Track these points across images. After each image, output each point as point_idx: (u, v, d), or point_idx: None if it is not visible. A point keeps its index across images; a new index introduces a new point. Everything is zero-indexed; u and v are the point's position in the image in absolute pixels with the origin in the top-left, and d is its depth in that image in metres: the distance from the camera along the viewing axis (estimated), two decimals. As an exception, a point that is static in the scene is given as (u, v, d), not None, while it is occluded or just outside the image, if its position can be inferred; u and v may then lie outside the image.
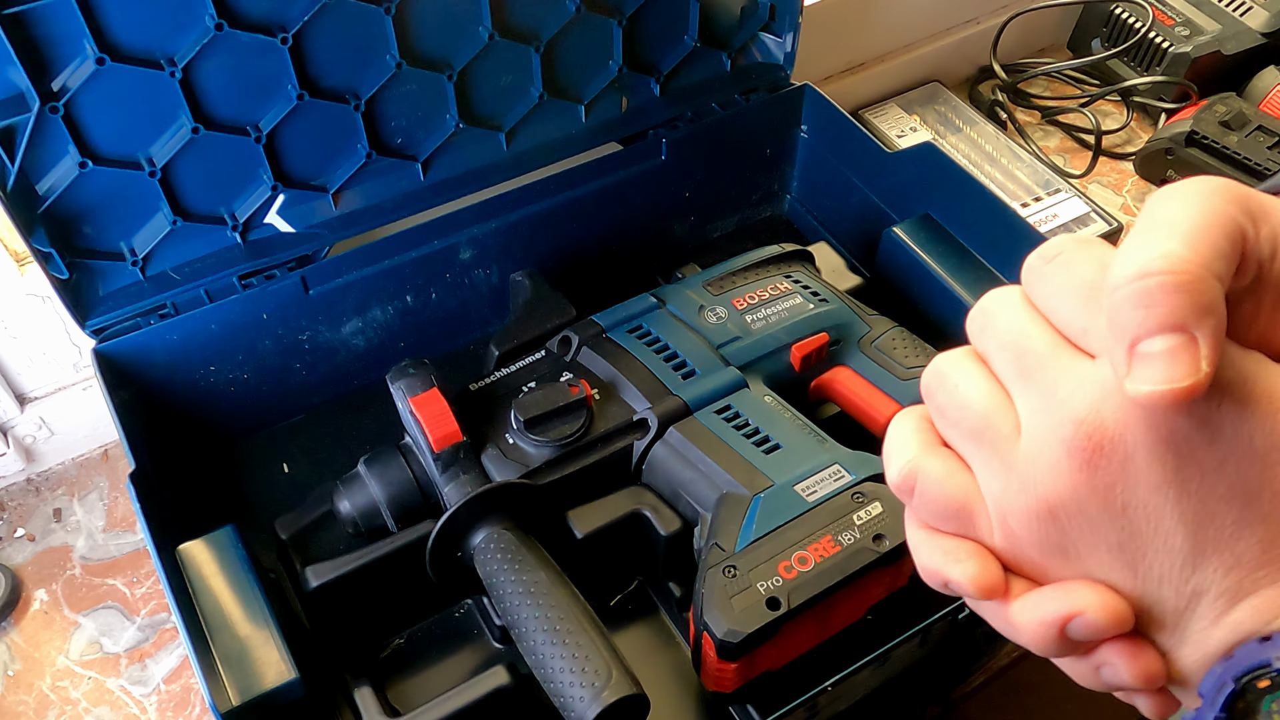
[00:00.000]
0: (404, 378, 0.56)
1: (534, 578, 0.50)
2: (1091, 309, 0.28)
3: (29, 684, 0.63)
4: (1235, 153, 0.90)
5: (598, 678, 0.46)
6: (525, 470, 0.55)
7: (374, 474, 0.57)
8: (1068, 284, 0.29)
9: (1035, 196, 0.90)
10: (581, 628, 0.48)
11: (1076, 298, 0.28)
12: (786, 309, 0.64)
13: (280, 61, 0.58)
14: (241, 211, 0.63)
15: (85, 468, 0.75)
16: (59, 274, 0.59)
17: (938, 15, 1.03)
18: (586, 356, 0.61)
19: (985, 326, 0.30)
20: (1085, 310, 0.28)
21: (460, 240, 0.69)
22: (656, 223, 0.79)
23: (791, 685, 0.52)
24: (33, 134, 0.54)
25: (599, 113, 0.73)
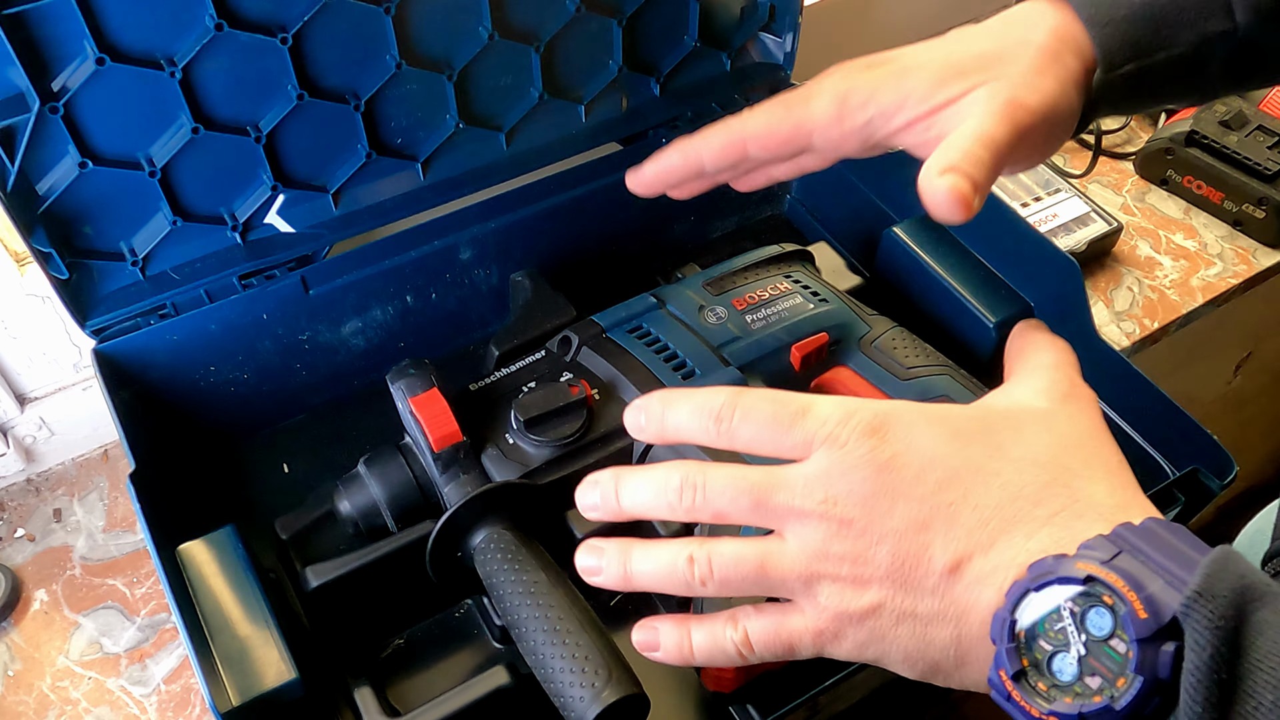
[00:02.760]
0: (404, 378, 0.56)
1: (534, 578, 0.50)
2: (780, 431, 0.38)
3: (29, 684, 0.64)
4: (1235, 152, 0.90)
5: (598, 677, 0.46)
6: (525, 470, 0.55)
7: (374, 474, 0.57)
8: (756, 428, 0.38)
9: (1035, 196, 0.90)
10: (581, 628, 0.48)
11: (768, 432, 0.38)
12: (786, 309, 0.64)
13: (280, 61, 0.58)
14: (241, 211, 0.63)
15: (85, 468, 0.75)
16: (59, 274, 0.59)
17: (938, 15, 1.03)
18: (586, 356, 0.61)
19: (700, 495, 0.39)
20: (776, 439, 0.38)
21: (460, 240, 0.69)
22: (656, 223, 0.79)
23: (791, 685, 0.52)
24: (33, 134, 0.54)
25: (599, 113, 0.73)
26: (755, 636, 0.39)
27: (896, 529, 0.36)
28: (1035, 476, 0.36)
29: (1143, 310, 0.86)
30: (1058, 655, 0.31)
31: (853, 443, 0.37)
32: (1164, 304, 0.86)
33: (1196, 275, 0.88)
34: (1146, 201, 0.95)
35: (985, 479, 0.36)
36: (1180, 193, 0.94)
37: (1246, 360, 1.25)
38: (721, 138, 0.51)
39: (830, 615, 0.37)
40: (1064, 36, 0.47)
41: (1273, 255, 0.90)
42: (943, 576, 0.35)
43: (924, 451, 0.37)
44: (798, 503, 0.37)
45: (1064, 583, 0.31)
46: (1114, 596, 0.30)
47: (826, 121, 0.49)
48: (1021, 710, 0.32)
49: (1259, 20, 0.47)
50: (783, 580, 0.38)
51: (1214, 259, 0.89)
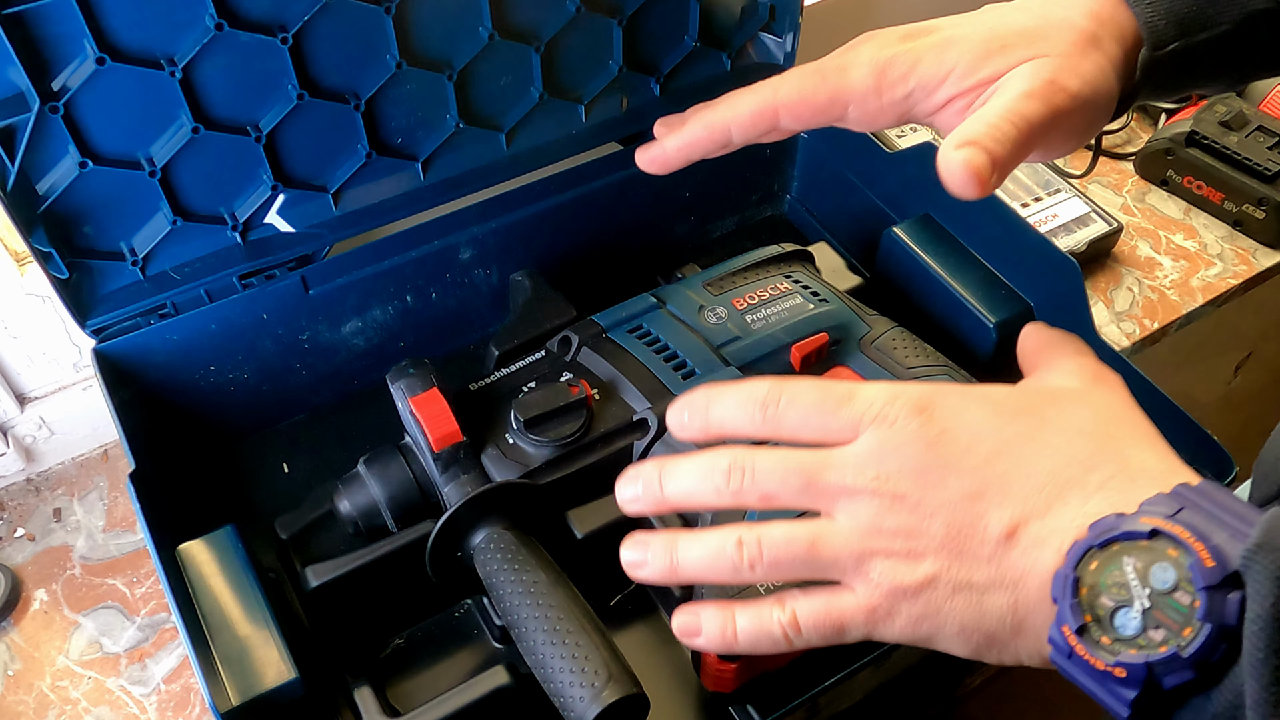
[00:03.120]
0: (404, 377, 0.56)
1: (534, 578, 0.50)
2: (828, 414, 0.38)
3: (29, 684, 0.64)
4: (1235, 153, 0.90)
5: (597, 677, 0.46)
6: (525, 470, 0.55)
7: (374, 474, 0.57)
8: (804, 412, 0.38)
9: (1035, 196, 0.90)
10: (581, 628, 0.48)
11: (815, 416, 0.38)
12: (786, 309, 0.64)
13: (280, 61, 0.58)
14: (241, 211, 0.63)
15: (85, 468, 0.75)
16: (59, 274, 0.59)
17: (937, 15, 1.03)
18: (586, 356, 0.61)
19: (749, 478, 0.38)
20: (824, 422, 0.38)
21: (460, 240, 0.69)
22: (656, 223, 0.79)
23: (791, 685, 0.52)
24: (33, 134, 0.54)
25: (599, 113, 0.73)
26: (805, 618, 0.38)
27: (950, 500, 0.36)
28: (1084, 445, 0.36)
29: (1143, 310, 0.86)
30: (1120, 610, 0.32)
31: (901, 420, 0.37)
32: (1164, 304, 0.86)
33: (1196, 275, 0.88)
34: (1146, 202, 0.95)
35: (1036, 448, 0.36)
36: (1180, 193, 0.94)
37: (1246, 360, 1.25)
38: (752, 106, 0.49)
39: (884, 591, 0.37)
40: (1103, 18, 0.46)
41: (1273, 255, 0.90)
42: (999, 543, 0.35)
43: (972, 426, 0.37)
44: (849, 480, 0.37)
45: (1128, 538, 0.32)
46: (1179, 548, 0.31)
47: (864, 93, 0.47)
48: (1085, 665, 0.32)
49: None
50: (835, 559, 0.37)
51: (1214, 259, 0.89)
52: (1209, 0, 0.46)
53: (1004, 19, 0.47)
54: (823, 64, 0.48)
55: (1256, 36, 0.47)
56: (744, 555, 0.38)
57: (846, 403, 0.38)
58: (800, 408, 0.39)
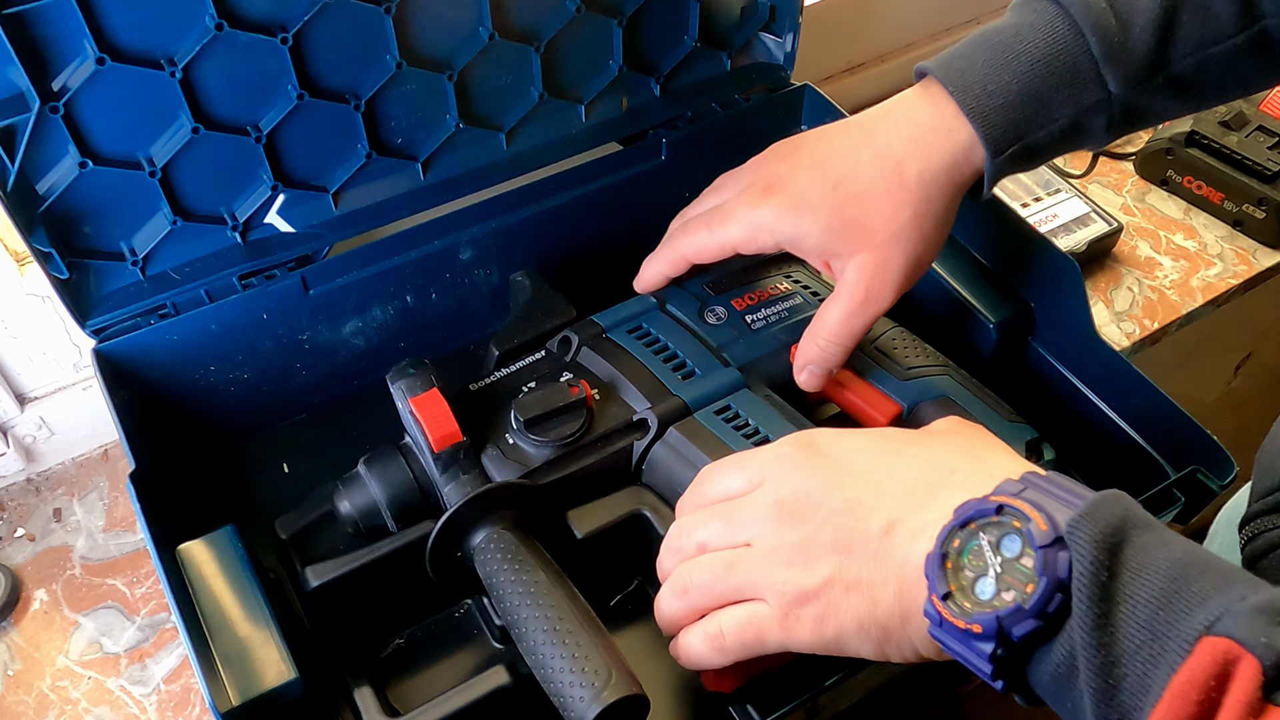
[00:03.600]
0: (404, 378, 0.56)
1: (534, 578, 0.50)
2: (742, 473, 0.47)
3: (29, 684, 0.64)
4: (1235, 153, 0.90)
5: (597, 678, 0.46)
6: (525, 470, 0.55)
7: (374, 474, 0.57)
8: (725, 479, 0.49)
9: (1035, 196, 0.90)
10: (581, 628, 0.48)
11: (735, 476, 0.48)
12: (786, 309, 0.64)
13: (280, 61, 0.58)
14: (241, 211, 0.63)
15: (85, 468, 0.75)
16: (59, 274, 0.59)
17: (938, 15, 1.03)
18: (586, 357, 0.61)
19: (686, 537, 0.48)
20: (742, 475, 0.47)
21: (460, 240, 0.69)
22: (656, 223, 0.78)
23: (792, 685, 0.52)
24: (33, 134, 0.54)
25: (599, 113, 0.73)
26: (728, 630, 0.45)
27: (836, 510, 0.42)
28: (948, 454, 0.42)
29: (1143, 310, 0.86)
30: (980, 579, 0.37)
31: (790, 456, 0.45)
32: (1164, 304, 0.86)
33: (1196, 275, 0.88)
34: (1146, 202, 0.95)
35: (905, 460, 0.43)
36: (1180, 193, 0.94)
37: (1246, 360, 1.25)
38: (668, 258, 0.63)
39: (790, 597, 0.42)
40: (934, 150, 0.54)
41: (1273, 255, 0.90)
42: (879, 539, 0.41)
43: (849, 448, 0.45)
44: (754, 512, 0.45)
45: (982, 515, 0.37)
46: (1021, 519, 0.36)
47: (743, 243, 0.58)
48: (951, 628, 0.37)
49: (1131, 86, 0.53)
50: (748, 577, 0.44)
51: (1214, 259, 0.89)
52: (1043, 102, 0.53)
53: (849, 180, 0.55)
54: (709, 217, 0.60)
55: (1095, 121, 0.54)
56: (683, 585, 0.47)
57: (752, 459, 0.47)
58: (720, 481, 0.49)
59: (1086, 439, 0.64)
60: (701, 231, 0.60)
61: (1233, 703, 0.30)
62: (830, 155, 0.56)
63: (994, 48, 0.53)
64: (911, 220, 0.55)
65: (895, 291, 0.56)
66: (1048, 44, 0.52)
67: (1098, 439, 0.64)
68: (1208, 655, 0.31)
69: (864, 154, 0.55)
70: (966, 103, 0.53)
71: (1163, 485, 0.56)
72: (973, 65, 0.53)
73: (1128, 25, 0.51)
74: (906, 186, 0.54)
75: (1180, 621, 0.32)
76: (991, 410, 0.61)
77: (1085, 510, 0.35)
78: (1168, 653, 0.32)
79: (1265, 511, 0.63)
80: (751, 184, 0.59)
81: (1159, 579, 0.33)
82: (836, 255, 0.56)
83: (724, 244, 0.59)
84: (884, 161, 0.54)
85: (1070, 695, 0.35)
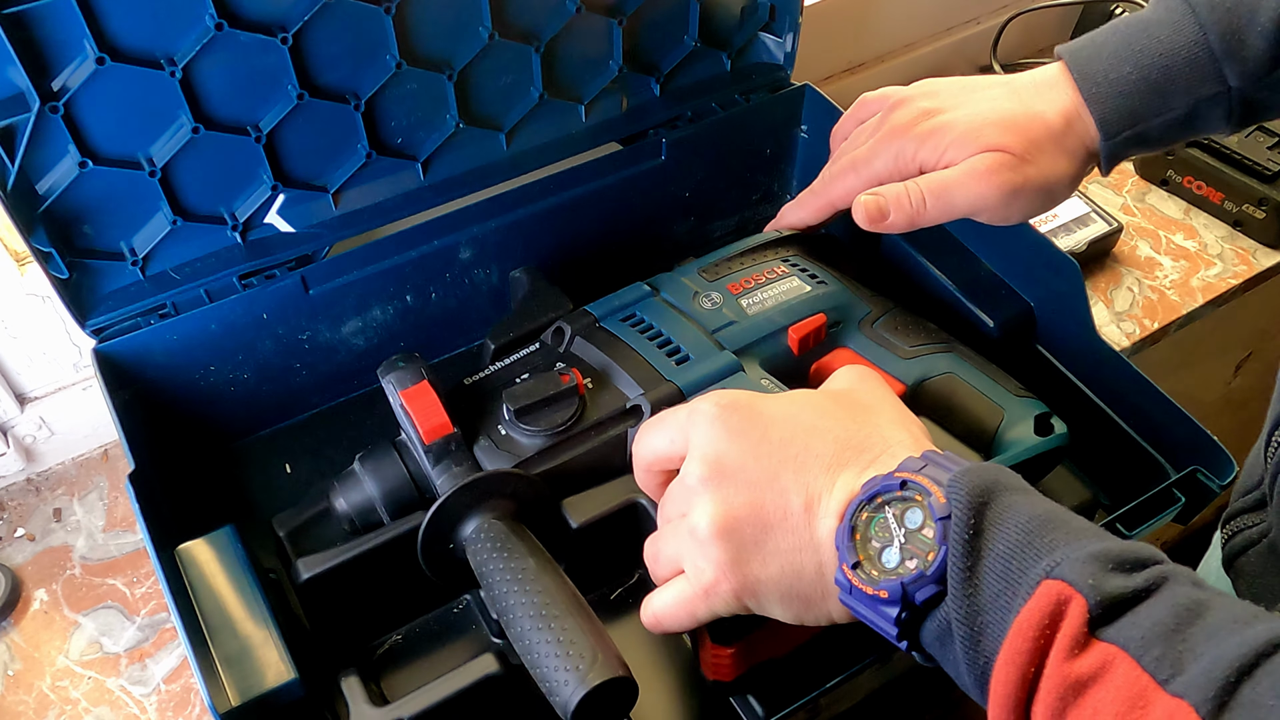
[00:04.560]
0: (394, 371, 0.56)
1: (522, 565, 0.50)
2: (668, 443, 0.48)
3: (29, 684, 0.64)
4: (1235, 153, 0.90)
5: (582, 660, 0.45)
6: (518, 460, 0.55)
7: (368, 470, 0.57)
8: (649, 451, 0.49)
9: (1035, 196, 0.90)
10: (568, 612, 0.47)
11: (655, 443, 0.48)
12: (783, 291, 0.64)
13: (280, 61, 0.58)
14: (241, 211, 0.63)
15: (85, 468, 0.75)
16: (59, 274, 0.59)
17: (938, 15, 1.03)
18: (580, 346, 0.60)
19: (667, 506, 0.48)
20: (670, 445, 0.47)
21: (460, 240, 0.69)
22: (656, 223, 0.79)
23: (793, 685, 0.52)
24: (33, 134, 0.54)
25: (599, 113, 0.73)
26: (660, 611, 0.46)
27: (756, 480, 0.43)
28: (856, 430, 0.44)
29: (1143, 310, 0.86)
30: (885, 550, 0.39)
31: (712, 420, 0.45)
32: (1164, 304, 0.86)
33: (1196, 275, 0.88)
34: (1146, 202, 0.95)
35: (819, 434, 0.44)
36: (1180, 193, 0.94)
37: (1246, 360, 1.25)
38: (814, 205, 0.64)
39: (712, 568, 0.43)
40: (1070, 115, 0.56)
41: (1273, 255, 0.90)
42: (801, 516, 0.42)
43: (768, 416, 0.45)
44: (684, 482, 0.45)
45: (887, 489, 0.40)
46: (922, 494, 0.39)
47: (889, 172, 0.60)
48: (861, 594, 0.39)
49: (1251, 81, 0.54)
50: (677, 550, 0.45)
51: (1214, 259, 0.89)
52: (1159, 92, 0.55)
53: (994, 104, 0.57)
54: (854, 162, 0.61)
55: (1212, 114, 0.56)
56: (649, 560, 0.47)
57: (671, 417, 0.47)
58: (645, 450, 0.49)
59: (1086, 439, 0.64)
60: (849, 175, 0.61)
61: (1061, 638, 0.34)
62: (973, 97, 0.58)
63: (1123, 38, 0.56)
64: (1051, 148, 0.56)
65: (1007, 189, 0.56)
66: (1170, 38, 0.55)
67: (1098, 439, 0.64)
68: (1044, 597, 0.35)
69: (1006, 100, 0.57)
70: (1086, 88, 0.56)
71: (1163, 485, 0.56)
72: (1100, 54, 0.56)
73: (1250, 23, 0.54)
74: (1048, 126, 0.56)
75: (1030, 569, 0.36)
76: (999, 385, 0.61)
77: (958, 474, 0.38)
78: (1017, 598, 0.35)
79: (1244, 510, 0.64)
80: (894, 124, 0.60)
81: (1017, 532, 0.36)
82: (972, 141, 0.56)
83: (871, 181, 0.60)
84: (1026, 107, 0.57)
85: (951, 649, 0.38)
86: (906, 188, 0.57)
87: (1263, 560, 0.62)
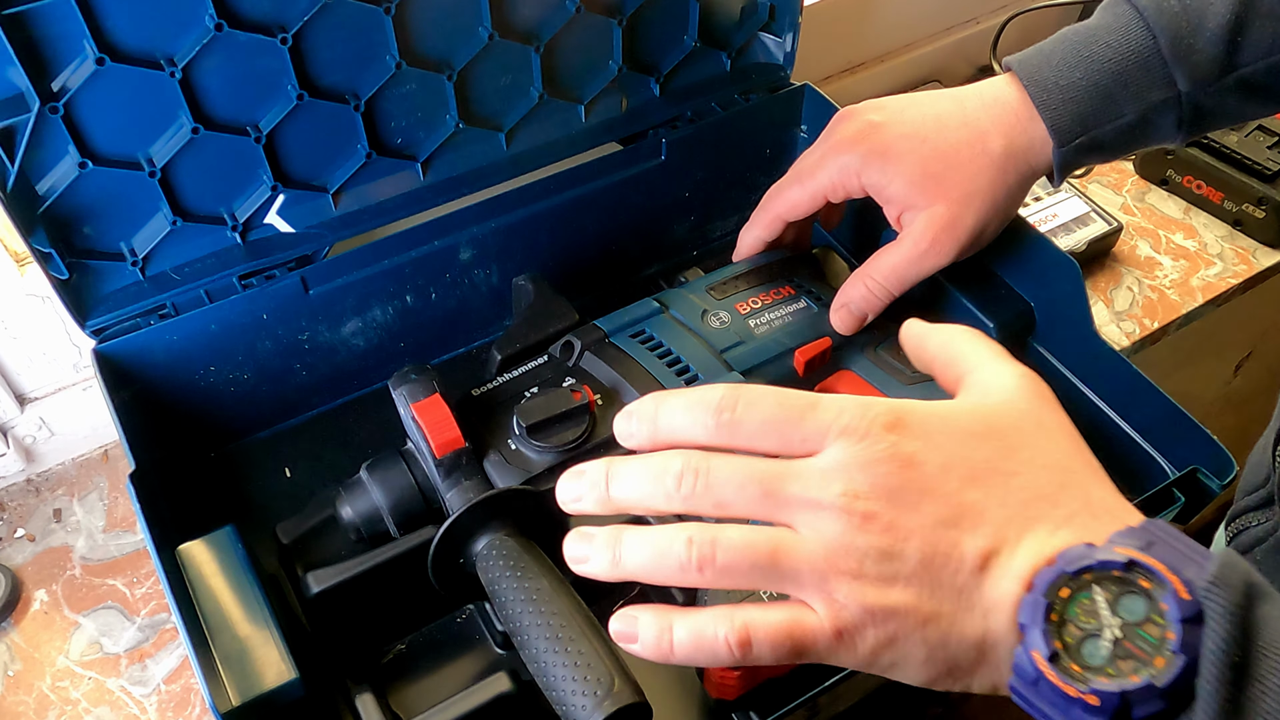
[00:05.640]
0: (406, 383, 0.56)
1: (536, 584, 0.50)
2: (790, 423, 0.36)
3: (29, 684, 0.64)
4: (1235, 152, 0.90)
5: (600, 685, 0.46)
6: (528, 476, 0.55)
7: (376, 480, 0.57)
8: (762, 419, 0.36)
9: (1035, 197, 0.90)
10: (584, 635, 0.48)
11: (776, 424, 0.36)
12: (790, 313, 0.64)
13: (280, 61, 0.58)
14: (241, 211, 0.63)
15: (85, 468, 0.75)
16: (59, 274, 0.59)
17: (938, 15, 1.03)
18: (589, 361, 0.60)
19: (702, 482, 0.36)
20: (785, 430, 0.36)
21: (460, 240, 0.69)
22: (657, 223, 0.79)
23: (792, 685, 0.52)
24: (33, 134, 0.54)
25: (599, 113, 0.73)
26: (760, 633, 0.36)
27: (925, 525, 0.35)
28: (1049, 479, 0.37)
29: (1143, 310, 0.86)
30: (1089, 639, 0.32)
31: (873, 436, 0.35)
32: (1164, 304, 0.86)
33: (1196, 275, 0.88)
34: (1146, 201, 0.95)
35: (1004, 479, 0.36)
36: (1180, 193, 0.94)
37: (1246, 360, 1.25)
38: (764, 221, 0.66)
39: (852, 613, 0.35)
40: (1013, 134, 0.57)
41: (1273, 255, 0.90)
42: (973, 572, 0.35)
43: (944, 450, 0.36)
44: (814, 493, 0.35)
45: (1102, 567, 0.32)
46: (1153, 580, 0.32)
47: (832, 189, 0.62)
48: (1054, 691, 0.32)
49: (1201, 86, 0.55)
50: (795, 572, 0.35)
51: (1214, 259, 0.89)
52: (1110, 97, 0.55)
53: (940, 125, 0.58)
54: (799, 173, 0.63)
55: (1163, 119, 0.56)
56: (693, 555, 0.36)
57: (811, 411, 0.36)
58: (759, 414, 0.37)
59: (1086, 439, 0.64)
60: (793, 187, 0.63)
61: None
62: (920, 115, 0.59)
63: (1071, 45, 0.57)
64: (987, 187, 0.58)
65: (956, 250, 0.59)
66: (1120, 44, 0.55)
67: (1098, 439, 0.64)
68: None
69: (952, 119, 0.59)
70: (1037, 95, 0.57)
71: (1163, 485, 0.56)
72: (1049, 62, 0.57)
73: (1199, 28, 0.54)
74: (989, 155, 0.58)
75: None
76: None
77: (1216, 576, 0.31)
78: None
79: (1250, 508, 0.64)
80: (840, 137, 0.61)
81: None
82: (913, 206, 0.59)
83: (815, 193, 0.62)
84: (970, 129, 0.58)
85: None
86: (869, 287, 0.61)
87: (1270, 558, 0.62)
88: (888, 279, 0.60)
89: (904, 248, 0.59)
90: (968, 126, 0.58)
